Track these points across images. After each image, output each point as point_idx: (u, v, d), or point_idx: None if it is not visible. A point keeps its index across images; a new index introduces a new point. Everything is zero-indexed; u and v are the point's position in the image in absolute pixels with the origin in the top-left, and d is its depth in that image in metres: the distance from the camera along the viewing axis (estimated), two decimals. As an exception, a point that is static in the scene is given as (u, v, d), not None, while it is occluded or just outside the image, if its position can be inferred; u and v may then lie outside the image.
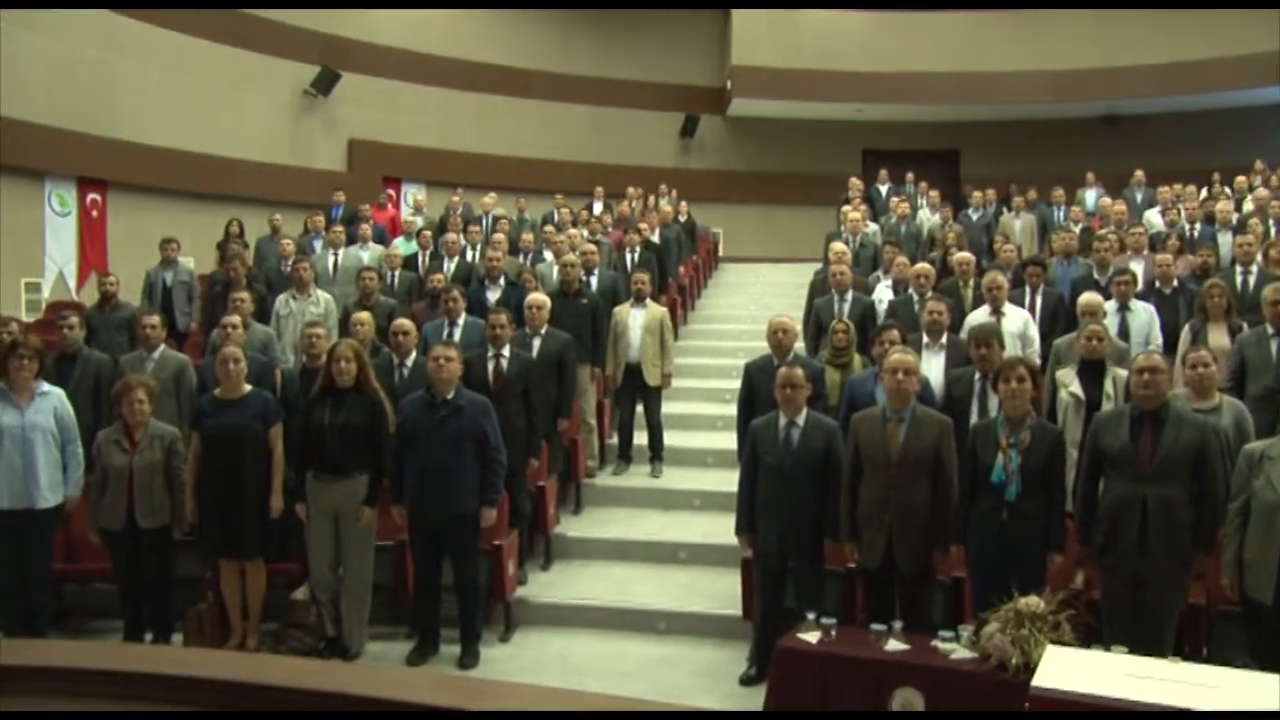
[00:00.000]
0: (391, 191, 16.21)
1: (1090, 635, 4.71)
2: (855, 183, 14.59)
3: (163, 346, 7.49)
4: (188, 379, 7.34)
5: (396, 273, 10.09)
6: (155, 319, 7.54)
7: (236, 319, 7.45)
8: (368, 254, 10.83)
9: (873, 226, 12.40)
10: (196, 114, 14.42)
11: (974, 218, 13.27)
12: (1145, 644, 4.51)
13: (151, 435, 6.04)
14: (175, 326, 9.67)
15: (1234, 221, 10.54)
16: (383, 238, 12.12)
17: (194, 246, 12.26)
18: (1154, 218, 11.77)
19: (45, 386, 6.13)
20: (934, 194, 14.89)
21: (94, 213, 13.20)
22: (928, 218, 13.47)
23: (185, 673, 2.22)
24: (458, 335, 7.70)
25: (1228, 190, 13.49)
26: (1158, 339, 7.39)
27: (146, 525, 5.95)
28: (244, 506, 6.01)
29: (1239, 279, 8.23)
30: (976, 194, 13.95)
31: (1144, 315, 7.53)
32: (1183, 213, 11.36)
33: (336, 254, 10.62)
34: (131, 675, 2.21)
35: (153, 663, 2.34)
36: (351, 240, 11.29)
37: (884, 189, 15.48)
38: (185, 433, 6.34)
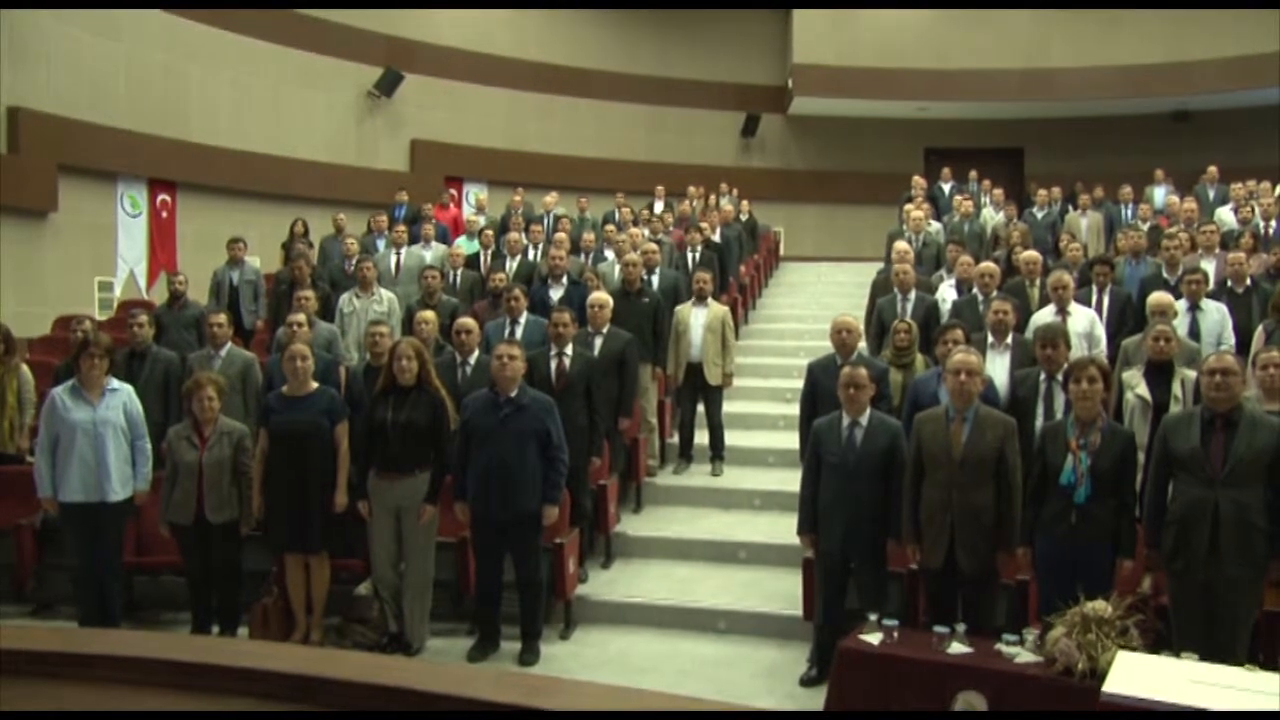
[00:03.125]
0: (454, 191, 16.34)
1: (1158, 642, 4.63)
2: (918, 181, 14.46)
3: (229, 344, 7.63)
4: (254, 376, 7.45)
5: (459, 272, 10.16)
6: (222, 317, 7.67)
7: (301, 317, 7.55)
8: (430, 253, 10.91)
9: (936, 225, 12.28)
10: (263, 116, 14.67)
11: (1039, 216, 13.09)
12: (1217, 651, 4.42)
13: (221, 432, 6.14)
14: (242, 324, 9.83)
15: (1312, 218, 10.31)
16: (445, 237, 12.21)
17: (260, 246, 12.49)
18: (1226, 215, 11.53)
19: (115, 383, 6.24)
20: (998, 192, 14.71)
21: (164, 213, 13.45)
22: (991, 216, 13.32)
23: (249, 665, 2.25)
24: (520, 334, 7.75)
25: (1303, 186, 13.19)
26: (1230, 339, 7.23)
27: (215, 520, 6.06)
28: (310, 502, 6.09)
29: (1316, 278, 8.05)
30: (1041, 192, 13.75)
31: (1216, 315, 7.38)
32: (1257, 209, 11.12)
33: (399, 253, 10.71)
34: (197, 666, 2.24)
35: (218, 654, 2.37)
36: (414, 239, 11.38)
37: (947, 187, 15.34)
38: (252, 429, 6.43)
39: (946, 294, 8.74)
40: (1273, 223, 10.74)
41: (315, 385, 6.28)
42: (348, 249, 10.61)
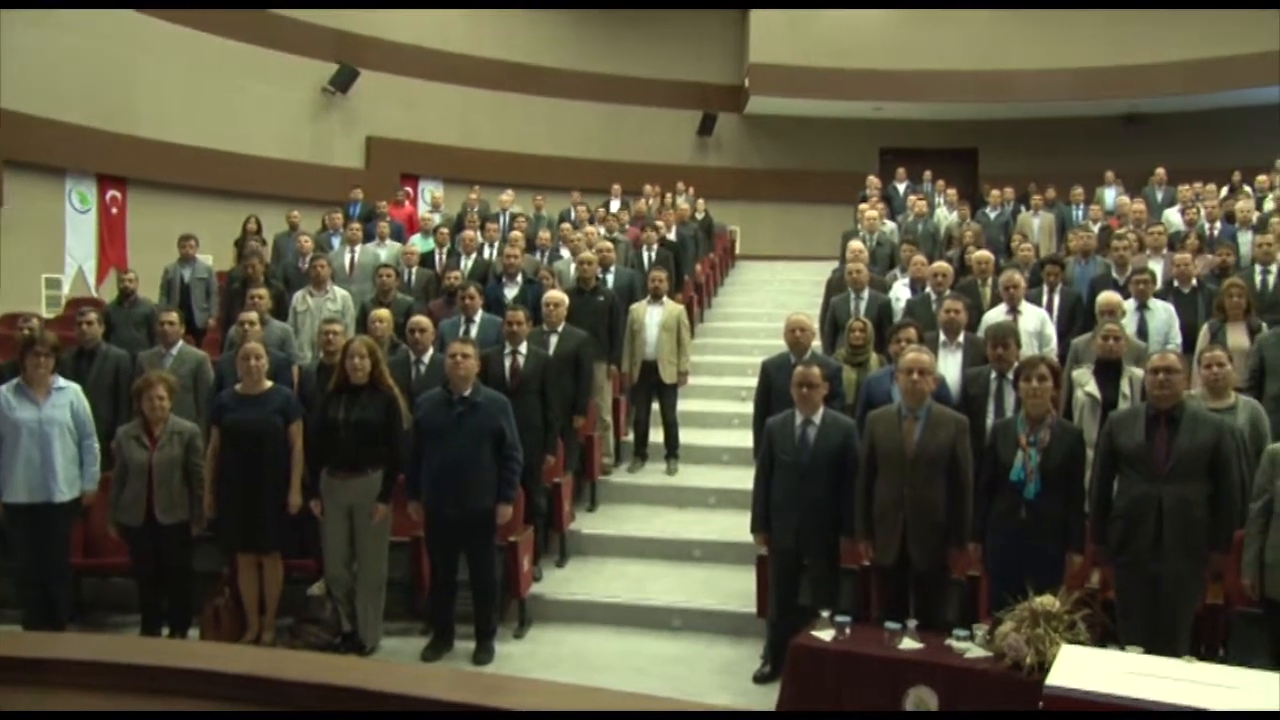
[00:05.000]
0: (409, 189, 16.23)
1: (1105, 635, 4.70)
2: (873, 181, 14.55)
3: (181, 342, 7.56)
4: (205, 375, 7.39)
5: (414, 270, 10.12)
6: (174, 315, 7.60)
7: (254, 315, 7.49)
8: (385, 251, 10.86)
9: (890, 225, 12.37)
10: (216, 111, 14.48)
11: (992, 216, 13.23)
12: (1161, 644, 4.50)
13: (171, 431, 6.07)
14: (193, 323, 9.72)
15: (1254, 220, 10.48)
16: (400, 235, 12.16)
17: (212, 243, 12.31)
18: (1173, 216, 11.70)
19: (61, 382, 6.16)
20: (952, 192, 14.84)
21: (113, 209, 13.29)
22: (945, 216, 13.44)
23: (201, 666, 2.23)
24: (474, 332, 7.73)
25: (1248, 189, 13.40)
26: (1177, 338, 7.36)
27: (165, 520, 5.98)
28: (263, 501, 6.05)
29: (1258, 278, 8.21)
30: (994, 192, 13.90)
31: (1163, 314, 7.50)
32: (1202, 211, 11.30)
33: (354, 251, 10.64)
34: (148, 669, 2.22)
35: (169, 656, 2.35)
36: (369, 237, 11.32)
37: (901, 187, 15.43)
38: (203, 428, 6.37)
39: (900, 293, 8.81)
40: (1217, 224, 10.93)
41: (269, 384, 6.24)
42: (302, 246, 10.53)
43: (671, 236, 12.22)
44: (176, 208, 13.55)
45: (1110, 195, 14.10)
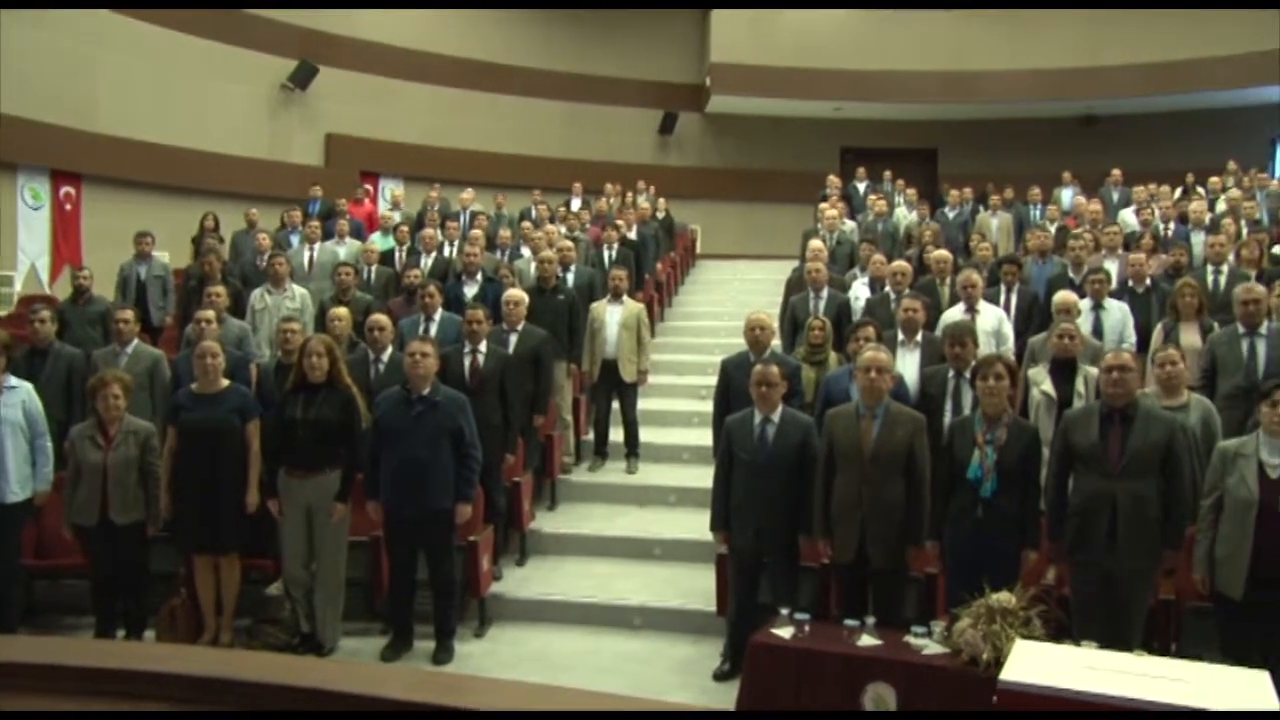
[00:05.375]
0: (369, 186, 16.16)
1: (1061, 631, 4.75)
2: (833, 180, 14.64)
3: (136, 341, 7.47)
4: (162, 374, 7.31)
5: (373, 268, 10.08)
6: (129, 313, 7.50)
7: (211, 314, 7.43)
8: (344, 249, 10.80)
9: (850, 224, 12.44)
10: (172, 107, 14.31)
11: (951, 216, 13.32)
12: (1115, 639, 4.55)
13: (126, 431, 6.00)
14: (149, 321, 9.61)
15: (1207, 221, 10.62)
16: (360, 233, 12.10)
17: (169, 240, 12.21)
18: (1129, 217, 11.84)
19: (13, 380, 6.07)
20: (911, 192, 14.94)
21: (67, 206, 13.12)
22: (905, 215, 13.52)
23: (157, 668, 2.21)
24: (434, 331, 7.70)
25: (1201, 190, 13.59)
26: (1131, 337, 7.44)
27: (120, 521, 5.91)
28: (220, 501, 5.99)
29: (1211, 278, 8.31)
30: (954, 192, 14.01)
31: (1118, 314, 7.59)
32: (1157, 212, 11.44)
33: (313, 249, 10.56)
34: (103, 671, 2.20)
35: (124, 658, 2.33)
36: (328, 235, 11.24)
37: (862, 186, 15.53)
38: (159, 427, 6.31)
39: (859, 292, 8.86)
40: (1171, 225, 11.06)
41: (226, 383, 6.19)
42: (260, 244, 10.46)
43: (632, 235, 12.23)
44: (132, 204, 13.36)
45: (1067, 196, 14.25)
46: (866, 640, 4.70)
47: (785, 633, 4.82)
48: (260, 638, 6.18)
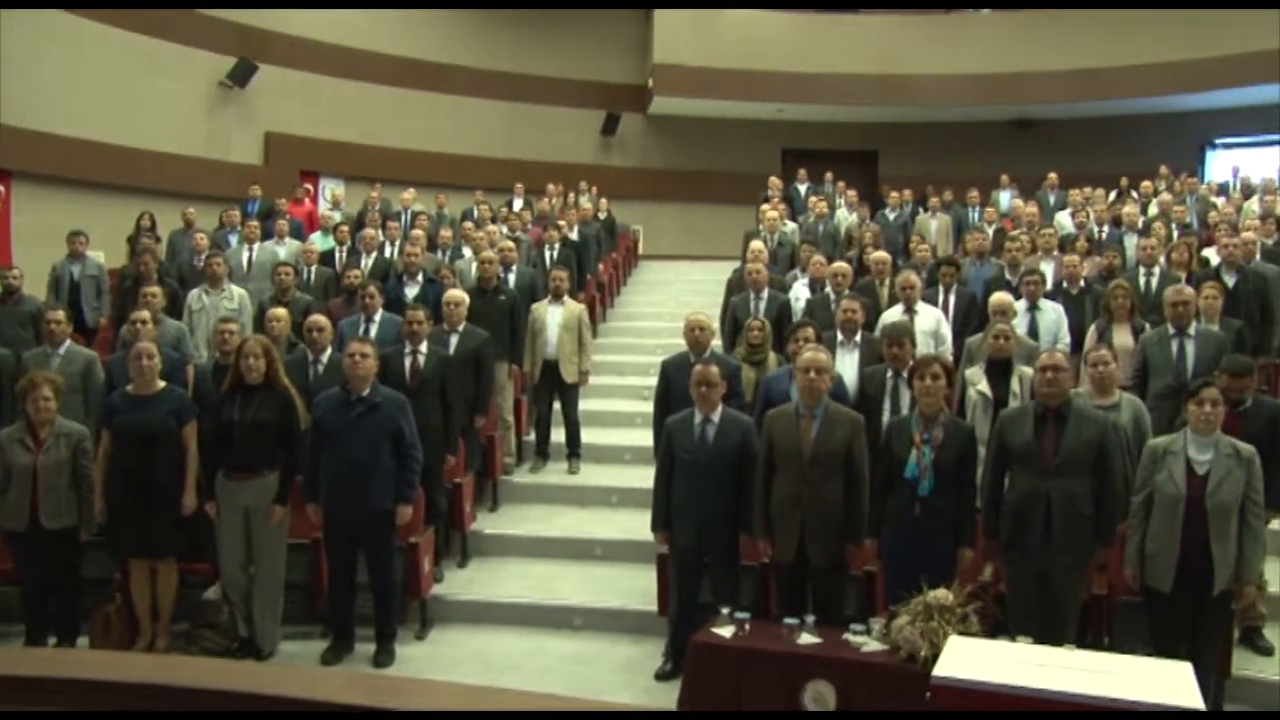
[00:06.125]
0: (309, 186, 15.95)
1: (997, 627, 4.82)
2: (774, 182, 14.70)
3: (69, 342, 7.33)
4: (95, 376, 7.18)
5: (313, 268, 9.98)
6: (60, 314, 7.36)
7: (146, 314, 7.33)
8: (284, 249, 10.69)
9: (791, 225, 12.50)
10: (107, 103, 14.03)
11: (891, 218, 13.44)
12: (1049, 634, 4.65)
13: (58, 433, 5.89)
14: (83, 322, 9.45)
15: (1139, 225, 10.82)
16: (299, 233, 11.96)
17: (104, 240, 11.96)
18: (1064, 220, 12.02)
19: (-60, 382, 5.96)
20: (852, 194, 15.05)
21: (-4, 203, 12.85)
22: (845, 217, 13.60)
23: (91, 676, 2.18)
24: (374, 332, 7.66)
25: (1134, 194, 13.86)
26: (1065, 338, 7.56)
27: (51, 526, 5.80)
28: (156, 505, 5.91)
29: (1143, 280, 8.46)
30: (894, 194, 14.12)
31: (1053, 315, 7.70)
32: (1091, 215, 11.62)
33: (252, 249, 10.44)
34: (33, 680, 2.17)
35: (56, 666, 2.30)
36: (267, 235, 11.12)
37: (803, 188, 15.60)
38: (93, 430, 6.21)
39: (799, 293, 8.92)
40: (1105, 228, 11.25)
41: (162, 385, 6.11)
42: (197, 244, 10.32)
43: (574, 236, 12.24)
44: (66, 202, 13.08)
45: (1005, 198, 14.45)
46: (806, 638, 4.74)
47: (726, 632, 4.85)
48: (198, 642, 6.10)
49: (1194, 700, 3.56)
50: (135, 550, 5.99)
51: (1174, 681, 3.72)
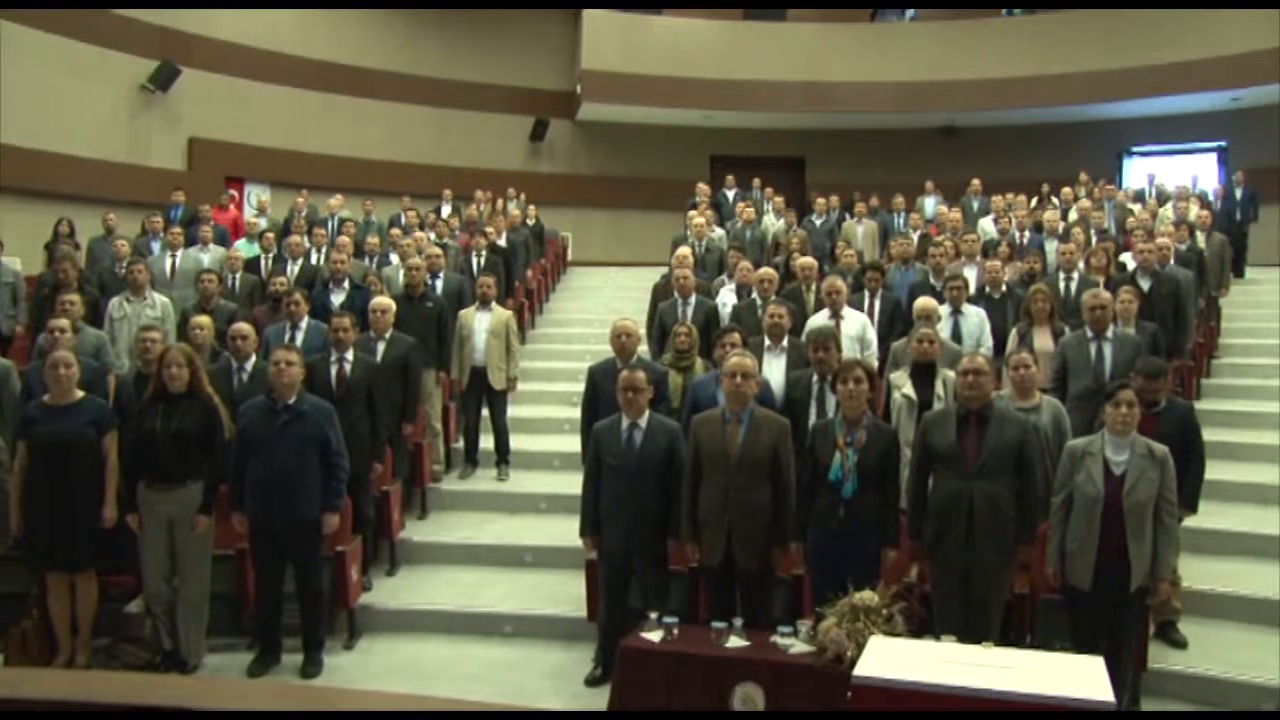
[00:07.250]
0: (234, 192, 15.75)
1: (923, 626, 4.90)
2: (702, 188, 14.81)
3: (-16, 351, 7.17)
4: (11, 385, 6.99)
5: (238, 275, 9.86)
6: (-25, 323, 7.20)
7: (65, 322, 7.16)
8: (208, 256, 10.55)
9: (719, 231, 12.59)
10: (23, 106, 13.66)
11: (817, 224, 13.59)
12: (973, 632, 4.74)
13: (-28, 444, 5.77)
14: (-2, 330, 9.26)
15: (1060, 230, 11.05)
16: (224, 239, 11.82)
17: (20, 246, 11.70)
18: (988, 225, 12.24)
19: None
20: (779, 200, 15.16)
21: (-94, 208, 12.49)
22: (773, 223, 13.74)
23: (5, 694, 2.14)
24: (300, 339, 7.58)
25: (1055, 200, 14.17)
26: (988, 341, 7.71)
27: (-35, 539, 5.69)
28: (75, 517, 5.80)
29: (1062, 285, 8.64)
30: (820, 200, 14.30)
31: (975, 319, 7.85)
32: (1013, 221, 11.86)
33: (175, 256, 10.30)
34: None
35: (-30, 683, 2.25)
36: (191, 242, 10.98)
37: (730, 194, 15.71)
38: (9, 441, 6.08)
39: (726, 298, 8.98)
40: (1027, 233, 11.48)
41: (81, 394, 5.98)
42: (118, 251, 10.13)
43: (502, 242, 12.21)
44: (-21, 209, 12.82)
45: (930, 204, 14.68)
46: (734, 641, 4.78)
47: (655, 636, 4.88)
48: (120, 657, 5.99)
49: (1105, 694, 3.68)
50: (52, 563, 5.86)
51: (1087, 676, 3.83)
